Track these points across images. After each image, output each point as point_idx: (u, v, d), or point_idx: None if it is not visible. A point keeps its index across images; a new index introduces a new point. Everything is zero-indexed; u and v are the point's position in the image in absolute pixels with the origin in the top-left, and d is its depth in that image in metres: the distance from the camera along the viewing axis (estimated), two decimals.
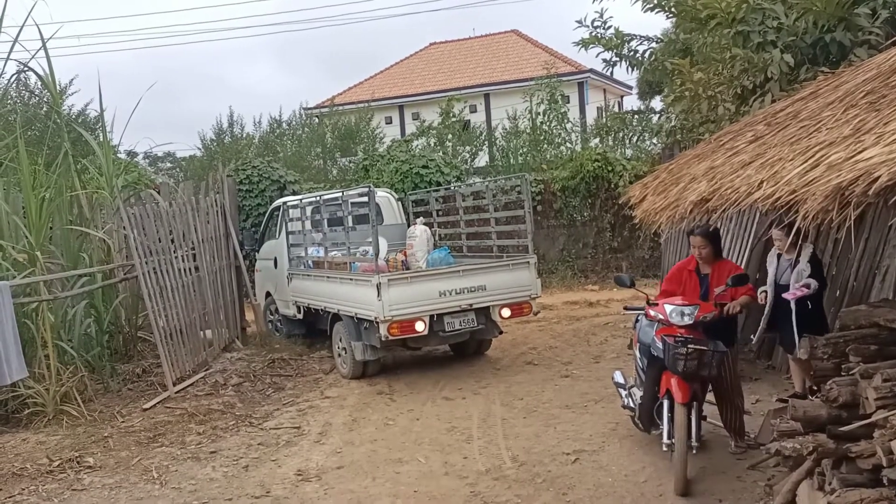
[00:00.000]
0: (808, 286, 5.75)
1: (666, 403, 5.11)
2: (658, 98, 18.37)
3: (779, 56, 7.34)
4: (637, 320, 5.91)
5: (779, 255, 6.09)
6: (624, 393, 6.11)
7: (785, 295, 5.80)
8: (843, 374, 4.19)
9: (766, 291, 6.09)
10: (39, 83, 11.60)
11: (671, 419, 5.03)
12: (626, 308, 5.82)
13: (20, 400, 7.51)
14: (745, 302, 5.44)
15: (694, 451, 4.99)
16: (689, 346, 4.91)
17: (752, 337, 6.96)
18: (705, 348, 4.95)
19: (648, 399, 5.37)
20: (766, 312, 6.16)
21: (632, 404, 5.88)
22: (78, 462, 6.37)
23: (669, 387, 5.07)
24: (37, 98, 16.85)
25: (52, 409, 7.43)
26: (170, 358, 8.43)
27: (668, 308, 5.23)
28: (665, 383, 5.16)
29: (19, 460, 6.45)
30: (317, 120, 22.83)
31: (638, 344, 5.74)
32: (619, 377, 6.30)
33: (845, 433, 3.92)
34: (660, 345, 5.12)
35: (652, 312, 5.37)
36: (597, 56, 10.34)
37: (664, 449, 5.13)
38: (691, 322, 5.13)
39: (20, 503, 5.64)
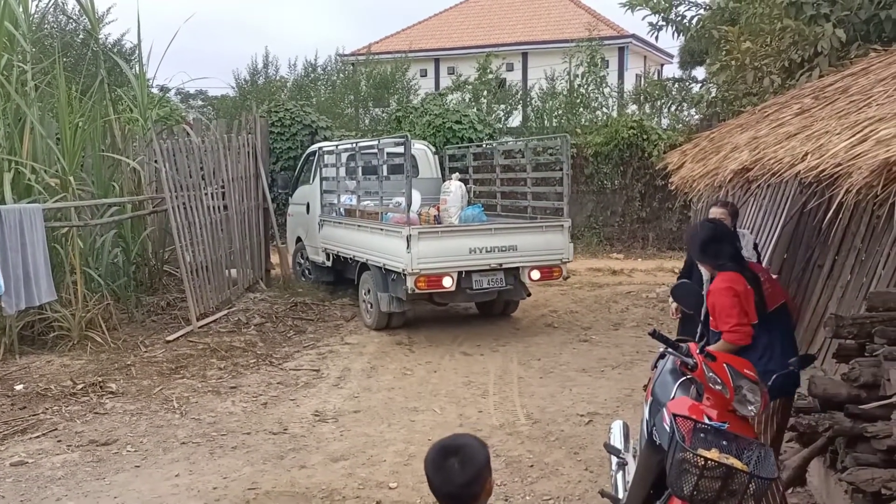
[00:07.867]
0: None
1: None
2: (700, 68, 17.98)
3: (831, 30, 7.10)
4: (660, 356, 3.76)
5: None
6: (615, 463, 3.95)
7: None
8: (866, 354, 4.16)
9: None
10: (77, 8, 11.51)
11: None
12: (654, 334, 3.42)
13: (46, 323, 7.70)
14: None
15: None
16: (708, 459, 2.73)
17: None
18: (739, 468, 2.77)
19: None
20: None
21: (613, 491, 3.81)
22: (101, 387, 6.54)
23: None
24: (73, 24, 16.80)
25: (78, 333, 7.60)
26: (195, 293, 8.55)
27: (743, 383, 3.15)
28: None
29: (44, 381, 6.64)
30: (352, 67, 22.65)
31: (650, 399, 3.59)
32: (616, 433, 4.10)
33: (862, 413, 3.90)
34: (667, 427, 3.04)
35: (708, 371, 3.16)
36: (643, 19, 10.07)
37: None
38: (755, 412, 3.23)
39: (44, 422, 5.80)
